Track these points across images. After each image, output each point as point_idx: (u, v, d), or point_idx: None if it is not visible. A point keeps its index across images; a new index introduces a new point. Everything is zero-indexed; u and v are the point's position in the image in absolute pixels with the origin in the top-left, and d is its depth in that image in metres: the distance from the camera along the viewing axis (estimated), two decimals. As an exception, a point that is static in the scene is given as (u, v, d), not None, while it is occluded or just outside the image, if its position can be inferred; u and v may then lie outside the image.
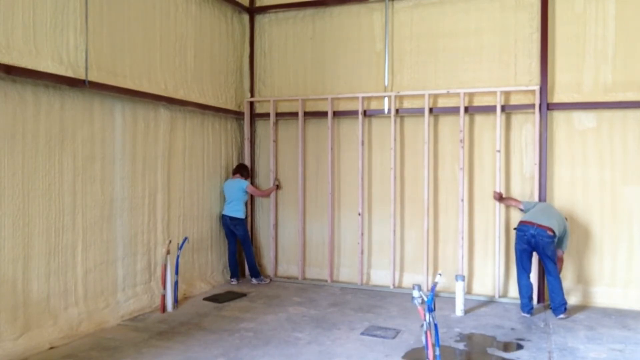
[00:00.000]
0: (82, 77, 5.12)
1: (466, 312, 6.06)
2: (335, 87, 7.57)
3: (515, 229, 6.05)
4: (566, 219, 6.10)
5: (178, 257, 6.26)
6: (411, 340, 5.10)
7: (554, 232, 5.79)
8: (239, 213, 7.35)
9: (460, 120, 6.73)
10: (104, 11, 5.45)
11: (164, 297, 5.96)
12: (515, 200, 6.48)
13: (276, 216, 7.85)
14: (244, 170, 7.52)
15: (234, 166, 7.68)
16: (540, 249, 5.82)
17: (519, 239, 5.95)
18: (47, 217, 4.90)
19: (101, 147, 5.48)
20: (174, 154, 6.58)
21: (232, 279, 7.47)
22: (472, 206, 6.88)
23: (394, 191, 7.08)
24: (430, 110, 6.94)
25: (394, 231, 7.12)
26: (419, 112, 7.00)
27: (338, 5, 7.52)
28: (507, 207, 6.70)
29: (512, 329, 5.50)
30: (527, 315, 5.91)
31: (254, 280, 7.46)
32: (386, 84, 7.26)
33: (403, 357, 4.67)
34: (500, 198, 6.48)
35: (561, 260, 6.16)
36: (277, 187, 7.77)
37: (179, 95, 6.60)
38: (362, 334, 5.29)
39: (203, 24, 7.12)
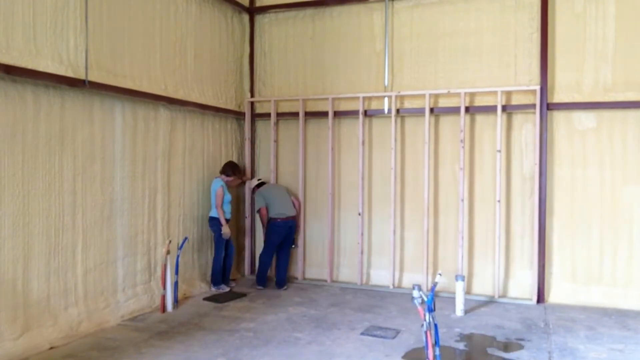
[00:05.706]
0: (82, 77, 5.12)
1: (466, 312, 6.06)
2: (335, 87, 7.56)
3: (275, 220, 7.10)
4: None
5: (178, 257, 6.26)
6: (411, 340, 5.10)
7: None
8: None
9: (461, 120, 6.73)
10: (104, 11, 5.45)
11: (164, 297, 5.96)
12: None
13: (276, 216, 7.84)
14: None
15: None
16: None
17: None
18: (47, 217, 4.90)
19: (101, 147, 5.48)
20: (174, 154, 6.58)
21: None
22: (472, 206, 6.88)
23: (394, 191, 7.08)
24: (431, 110, 6.93)
25: (394, 231, 7.12)
26: (419, 112, 7.00)
27: (338, 5, 7.52)
28: (508, 207, 6.71)
29: (512, 329, 5.50)
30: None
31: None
32: (386, 84, 7.26)
33: (403, 357, 4.67)
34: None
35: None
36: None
37: (179, 95, 6.60)
38: (362, 334, 5.29)
39: (203, 24, 7.12)
